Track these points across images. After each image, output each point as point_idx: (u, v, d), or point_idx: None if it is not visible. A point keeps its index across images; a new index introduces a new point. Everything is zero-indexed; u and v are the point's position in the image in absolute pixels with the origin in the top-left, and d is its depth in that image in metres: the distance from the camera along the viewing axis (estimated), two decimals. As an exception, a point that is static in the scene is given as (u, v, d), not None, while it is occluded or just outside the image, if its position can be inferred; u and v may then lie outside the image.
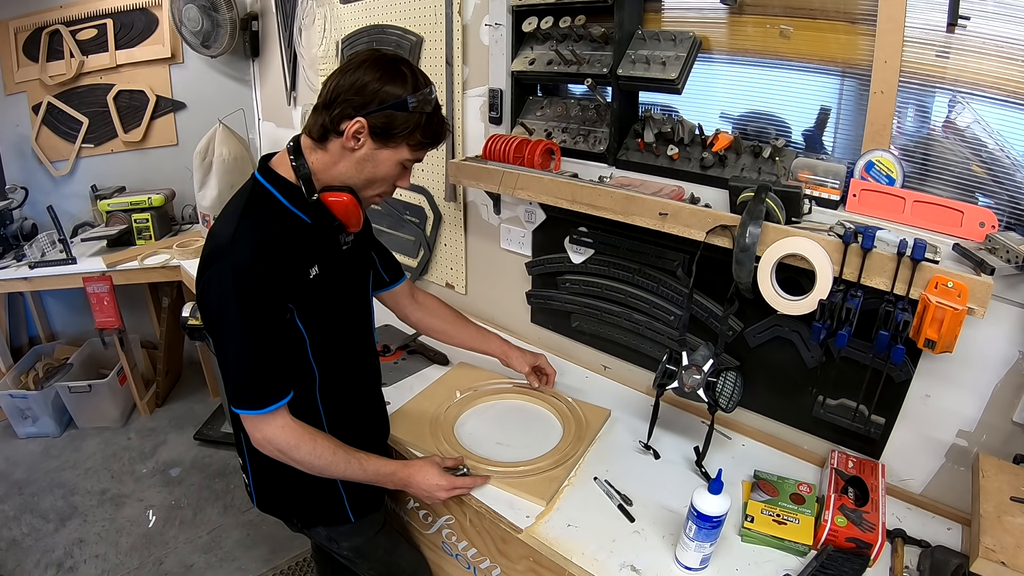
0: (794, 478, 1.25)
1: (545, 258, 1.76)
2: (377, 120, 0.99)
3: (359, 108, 0.98)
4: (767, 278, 1.17)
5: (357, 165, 1.04)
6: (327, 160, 1.04)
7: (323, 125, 1.01)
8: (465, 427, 1.46)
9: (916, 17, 1.07)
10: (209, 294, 1.00)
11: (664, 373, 1.28)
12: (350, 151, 1.02)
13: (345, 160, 1.04)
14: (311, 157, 1.05)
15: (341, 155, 1.03)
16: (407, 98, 0.99)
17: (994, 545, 0.88)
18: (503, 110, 1.71)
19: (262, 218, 1.03)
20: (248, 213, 1.02)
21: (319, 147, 1.04)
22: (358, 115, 0.98)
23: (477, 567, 1.36)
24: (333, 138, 1.02)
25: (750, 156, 1.31)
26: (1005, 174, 1.07)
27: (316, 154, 1.05)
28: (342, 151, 1.03)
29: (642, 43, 1.39)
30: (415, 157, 1.09)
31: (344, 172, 1.05)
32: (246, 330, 0.99)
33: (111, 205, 2.77)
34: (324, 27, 2.29)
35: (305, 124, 1.07)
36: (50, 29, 2.80)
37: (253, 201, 1.05)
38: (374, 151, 1.03)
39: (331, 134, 1.01)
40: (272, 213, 1.04)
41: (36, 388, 2.73)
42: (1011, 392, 1.09)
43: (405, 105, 0.99)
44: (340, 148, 1.02)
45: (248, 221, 1.01)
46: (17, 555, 2.10)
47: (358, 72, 0.99)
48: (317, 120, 1.02)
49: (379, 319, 1.98)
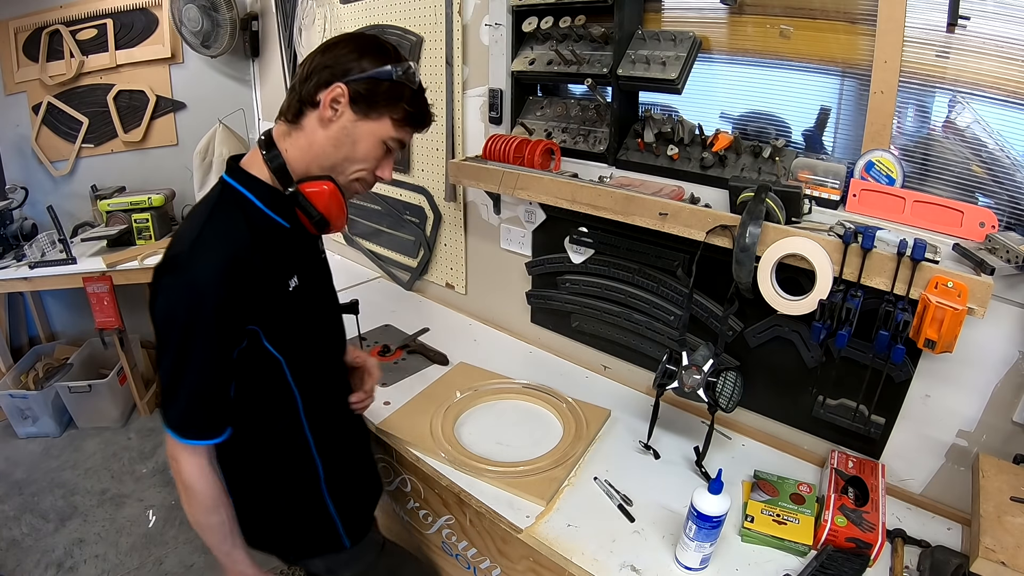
0: (794, 478, 1.25)
1: (545, 258, 1.76)
2: (359, 87, 0.91)
3: (339, 75, 0.91)
4: (767, 278, 1.17)
5: (335, 140, 0.94)
6: (302, 142, 0.95)
7: (299, 99, 0.93)
8: (465, 427, 1.46)
9: (916, 17, 1.07)
10: (157, 304, 0.89)
11: (664, 373, 1.28)
12: (327, 123, 0.93)
13: (320, 136, 0.94)
14: (284, 144, 0.96)
15: (316, 132, 0.94)
16: (391, 67, 0.93)
17: (994, 545, 0.88)
18: (503, 110, 1.71)
19: (231, 225, 0.91)
20: (215, 219, 0.91)
21: (293, 128, 0.95)
22: (337, 81, 0.90)
23: (477, 567, 1.36)
24: (309, 112, 0.93)
25: (750, 156, 1.31)
26: (1005, 174, 1.07)
27: (290, 139, 0.95)
28: (318, 126, 0.93)
29: (642, 43, 1.39)
30: (399, 136, 0.98)
31: (321, 152, 0.95)
32: (187, 357, 0.88)
33: (111, 205, 2.77)
34: (324, 27, 2.29)
35: (279, 111, 0.98)
36: (50, 29, 2.79)
37: (221, 205, 0.93)
38: (354, 123, 0.93)
39: (307, 107, 0.93)
40: (243, 218, 0.92)
41: (36, 388, 2.73)
42: (1011, 392, 1.09)
43: (389, 75, 0.92)
44: (316, 123, 0.93)
45: (214, 228, 0.90)
46: (17, 555, 2.10)
47: (336, 48, 0.93)
48: (292, 98, 0.95)
49: (379, 319, 1.99)
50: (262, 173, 0.96)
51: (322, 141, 0.94)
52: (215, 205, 0.93)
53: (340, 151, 0.96)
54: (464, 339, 1.91)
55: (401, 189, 2.21)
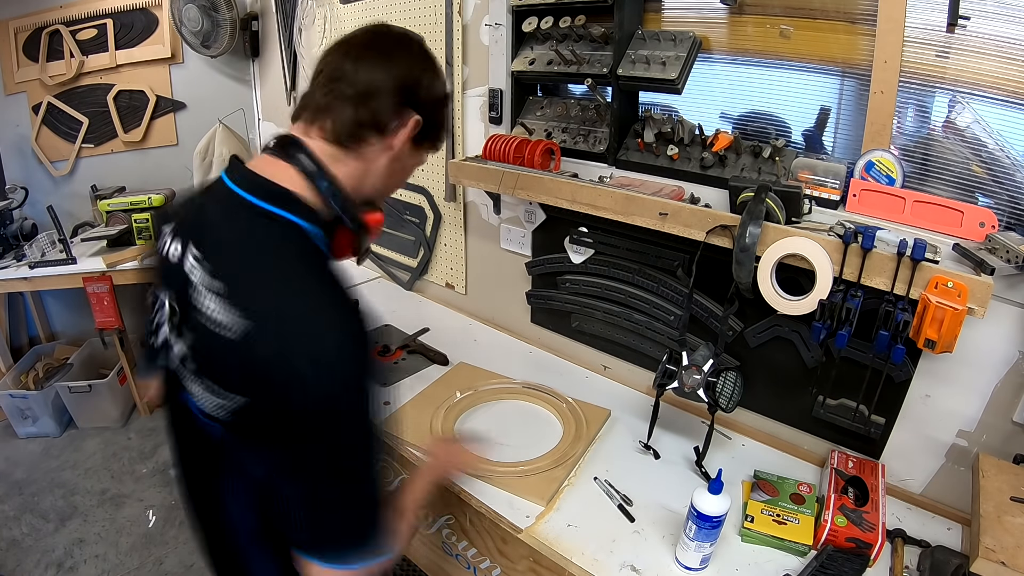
0: (794, 478, 1.25)
1: (545, 258, 1.76)
2: (426, 114, 0.80)
3: (410, 98, 0.78)
4: (767, 278, 1.17)
5: (391, 171, 0.82)
6: (358, 170, 0.79)
7: (358, 122, 0.76)
8: (465, 427, 1.46)
9: (916, 17, 1.07)
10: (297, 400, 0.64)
11: (664, 373, 1.28)
12: (389, 151, 0.79)
13: (380, 166, 0.80)
14: (339, 170, 0.77)
15: (377, 160, 0.79)
16: (447, 87, 0.83)
17: (994, 545, 0.88)
18: (503, 110, 1.71)
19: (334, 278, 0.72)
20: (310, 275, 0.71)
21: (348, 154, 0.77)
22: (410, 107, 0.78)
23: (477, 567, 1.36)
24: (372, 138, 0.77)
25: (750, 156, 1.31)
26: (1005, 174, 1.07)
27: (342, 164, 0.77)
28: (381, 154, 0.79)
29: (642, 43, 1.39)
30: (423, 160, 0.89)
31: (375, 181, 0.81)
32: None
33: (111, 205, 2.77)
34: (324, 27, 2.29)
35: (318, 124, 0.77)
36: (50, 29, 2.79)
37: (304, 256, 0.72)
38: (409, 153, 0.82)
39: (369, 132, 0.77)
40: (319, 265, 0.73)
41: (36, 388, 2.73)
42: (1011, 392, 1.09)
43: (446, 98, 0.84)
44: (380, 151, 0.79)
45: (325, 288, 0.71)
46: (17, 555, 2.10)
47: (399, 56, 0.79)
48: (343, 116, 0.75)
49: (379, 319, 1.99)
50: (309, 199, 0.75)
51: (380, 171, 0.80)
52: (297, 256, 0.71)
53: (392, 180, 0.84)
54: (464, 339, 1.91)
55: (401, 189, 2.22)
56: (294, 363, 0.63)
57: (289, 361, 0.63)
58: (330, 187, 0.75)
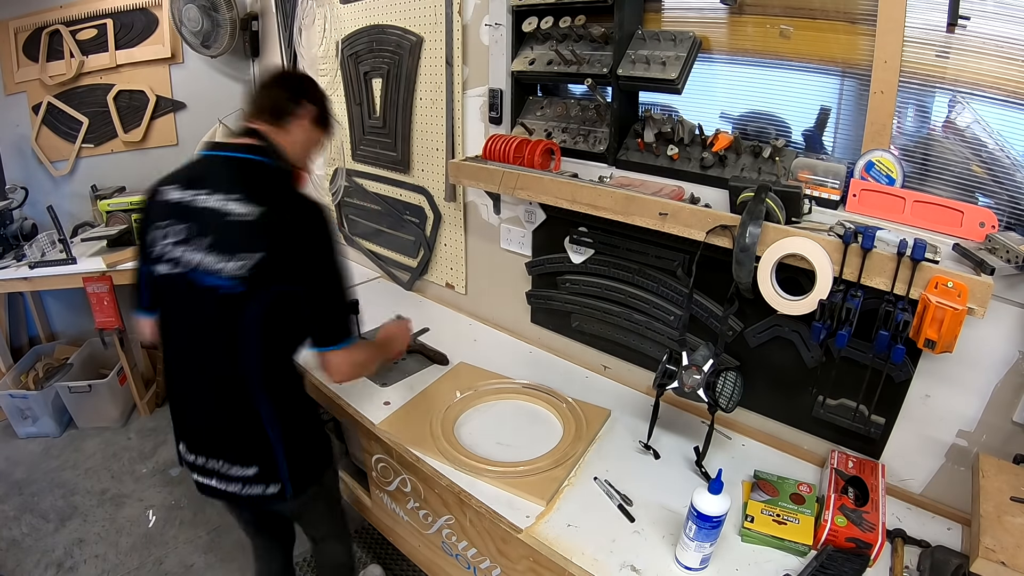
0: (794, 478, 1.25)
1: (545, 258, 1.76)
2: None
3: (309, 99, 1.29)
4: (767, 278, 1.17)
5: (305, 137, 1.29)
6: (289, 136, 1.26)
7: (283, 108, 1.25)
8: (465, 427, 1.46)
9: (916, 17, 1.07)
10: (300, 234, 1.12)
11: (664, 373, 1.28)
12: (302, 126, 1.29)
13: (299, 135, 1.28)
14: (279, 137, 1.24)
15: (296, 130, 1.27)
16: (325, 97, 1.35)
17: (994, 545, 0.88)
18: (503, 110, 1.71)
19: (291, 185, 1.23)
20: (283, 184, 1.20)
21: (281, 127, 1.25)
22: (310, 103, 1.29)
23: (477, 567, 1.36)
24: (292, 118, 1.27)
25: (750, 156, 1.31)
26: (1005, 174, 1.07)
27: (281, 133, 1.25)
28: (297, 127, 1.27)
29: (642, 43, 1.39)
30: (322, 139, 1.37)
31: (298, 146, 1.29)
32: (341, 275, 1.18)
33: (111, 205, 2.77)
34: (324, 27, 2.29)
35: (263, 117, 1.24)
36: (50, 29, 2.79)
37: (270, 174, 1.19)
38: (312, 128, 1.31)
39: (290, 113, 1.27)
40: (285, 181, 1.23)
41: (36, 388, 2.72)
42: (1011, 392, 1.09)
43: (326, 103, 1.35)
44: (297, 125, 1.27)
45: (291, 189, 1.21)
46: (17, 555, 2.10)
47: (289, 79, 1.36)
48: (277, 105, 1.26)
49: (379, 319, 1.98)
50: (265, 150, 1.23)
51: (300, 138, 1.29)
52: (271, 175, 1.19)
53: (307, 147, 1.32)
54: (464, 339, 1.92)
55: (401, 189, 2.21)
56: (293, 221, 1.11)
57: (290, 221, 1.11)
58: (271, 143, 1.20)
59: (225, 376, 1.14)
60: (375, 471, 1.57)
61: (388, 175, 2.25)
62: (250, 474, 1.18)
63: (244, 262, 1.06)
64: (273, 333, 1.13)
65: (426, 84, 1.96)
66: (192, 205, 1.11)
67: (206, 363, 1.17)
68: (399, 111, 2.07)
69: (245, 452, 1.18)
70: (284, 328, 1.14)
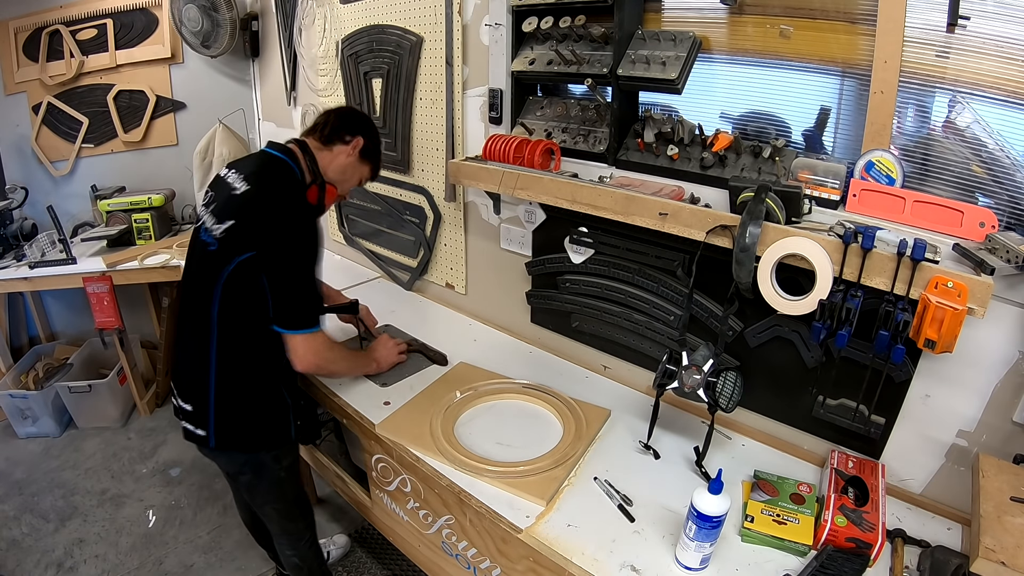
0: (794, 478, 1.25)
1: (545, 258, 1.76)
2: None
3: (360, 132, 1.51)
4: (767, 278, 1.17)
5: (344, 163, 1.51)
6: (330, 158, 1.49)
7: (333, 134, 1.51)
8: (465, 427, 1.46)
9: (916, 17, 1.07)
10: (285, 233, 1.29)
11: (664, 373, 1.28)
12: (345, 153, 1.51)
13: (340, 160, 1.50)
14: (320, 155, 1.47)
15: (339, 156, 1.49)
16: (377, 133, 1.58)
17: (994, 545, 0.88)
18: (503, 110, 1.71)
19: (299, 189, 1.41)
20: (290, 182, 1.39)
21: (325, 148, 1.49)
22: (360, 136, 1.51)
23: (477, 567, 1.36)
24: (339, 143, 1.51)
25: (750, 156, 1.31)
26: (1005, 174, 1.07)
27: (323, 153, 1.48)
28: (341, 153, 1.50)
29: (642, 43, 1.39)
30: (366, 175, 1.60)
31: (336, 169, 1.50)
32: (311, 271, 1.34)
33: (111, 205, 2.77)
34: (324, 27, 2.29)
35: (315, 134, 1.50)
36: (50, 29, 2.80)
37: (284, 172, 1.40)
38: (358, 160, 1.53)
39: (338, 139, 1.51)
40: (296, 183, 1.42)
41: (36, 388, 2.73)
42: (1011, 392, 1.09)
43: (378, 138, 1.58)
44: (341, 151, 1.50)
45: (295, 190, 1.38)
46: (17, 555, 2.10)
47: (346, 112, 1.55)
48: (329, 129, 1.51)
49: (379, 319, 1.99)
50: (301, 161, 1.45)
51: (340, 164, 1.51)
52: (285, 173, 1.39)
53: (345, 175, 1.53)
54: (464, 339, 1.92)
55: (401, 189, 2.21)
56: (268, 202, 1.30)
57: (265, 201, 1.30)
58: (311, 157, 1.43)
59: (198, 320, 1.34)
60: (375, 471, 1.57)
61: (388, 175, 2.25)
62: (188, 409, 1.41)
63: (223, 226, 1.28)
64: (233, 295, 1.29)
65: (426, 84, 1.96)
66: (223, 180, 1.38)
67: (191, 307, 1.40)
68: (399, 111, 2.07)
69: (190, 389, 1.41)
70: (243, 294, 1.28)
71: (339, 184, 1.48)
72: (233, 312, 1.31)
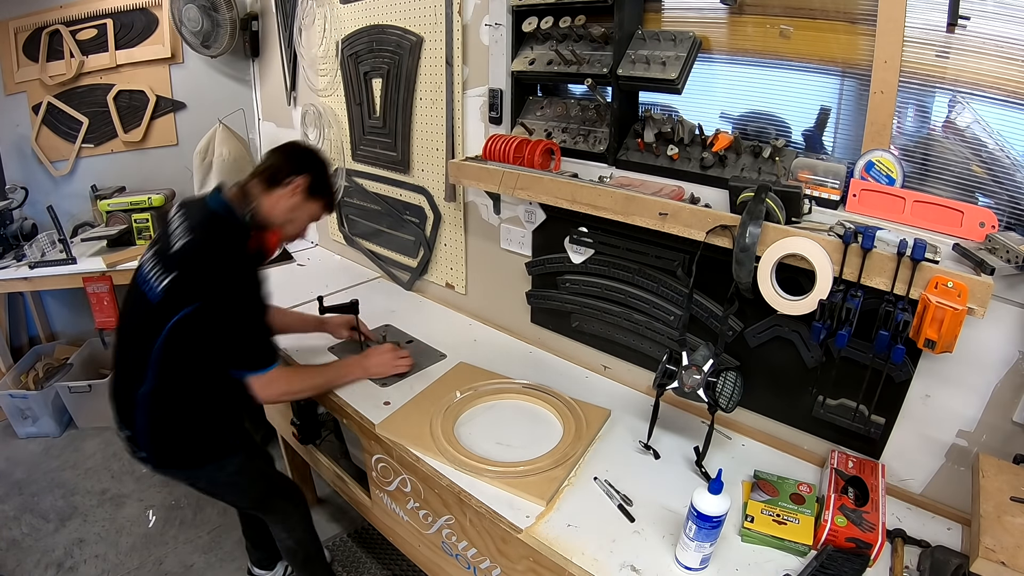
0: (794, 478, 1.25)
1: (545, 258, 1.76)
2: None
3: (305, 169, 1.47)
4: (767, 278, 1.17)
5: (288, 205, 1.48)
6: (272, 202, 1.47)
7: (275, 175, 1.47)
8: (465, 427, 1.46)
9: (916, 17, 1.07)
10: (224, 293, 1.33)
11: (664, 373, 1.28)
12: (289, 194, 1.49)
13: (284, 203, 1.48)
14: (263, 199, 1.46)
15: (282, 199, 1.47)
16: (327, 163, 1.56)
17: (994, 545, 0.88)
18: (503, 110, 1.71)
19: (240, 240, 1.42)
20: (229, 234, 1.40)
21: (268, 192, 1.47)
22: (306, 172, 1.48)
23: (477, 567, 1.36)
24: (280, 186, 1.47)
25: (750, 156, 1.31)
26: (1005, 174, 1.07)
27: (266, 196, 1.47)
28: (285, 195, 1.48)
29: (642, 43, 1.39)
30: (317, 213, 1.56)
31: (279, 213, 1.48)
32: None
33: (111, 205, 2.77)
34: (324, 27, 2.29)
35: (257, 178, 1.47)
36: (50, 29, 2.80)
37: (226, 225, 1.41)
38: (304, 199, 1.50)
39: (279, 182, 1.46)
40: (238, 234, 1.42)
41: (36, 388, 2.73)
42: (1011, 392, 1.09)
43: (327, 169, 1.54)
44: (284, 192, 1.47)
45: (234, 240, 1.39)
46: (17, 555, 2.10)
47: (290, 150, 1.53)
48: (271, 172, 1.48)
49: (379, 319, 2.00)
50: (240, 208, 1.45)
51: (284, 206, 1.47)
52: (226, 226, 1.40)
53: (290, 216, 1.49)
54: (464, 339, 1.92)
55: (401, 189, 2.22)
56: (205, 254, 1.32)
57: (203, 252, 1.32)
58: (254, 204, 1.43)
59: (135, 362, 1.37)
60: (375, 471, 1.57)
61: (388, 175, 2.25)
62: (127, 435, 1.46)
63: (166, 279, 1.30)
64: (175, 344, 1.32)
65: (426, 84, 1.96)
66: (170, 223, 1.40)
67: (128, 348, 1.44)
68: (399, 111, 2.08)
69: (126, 418, 1.45)
70: (185, 343, 1.32)
71: (286, 226, 1.48)
72: (173, 358, 1.34)
